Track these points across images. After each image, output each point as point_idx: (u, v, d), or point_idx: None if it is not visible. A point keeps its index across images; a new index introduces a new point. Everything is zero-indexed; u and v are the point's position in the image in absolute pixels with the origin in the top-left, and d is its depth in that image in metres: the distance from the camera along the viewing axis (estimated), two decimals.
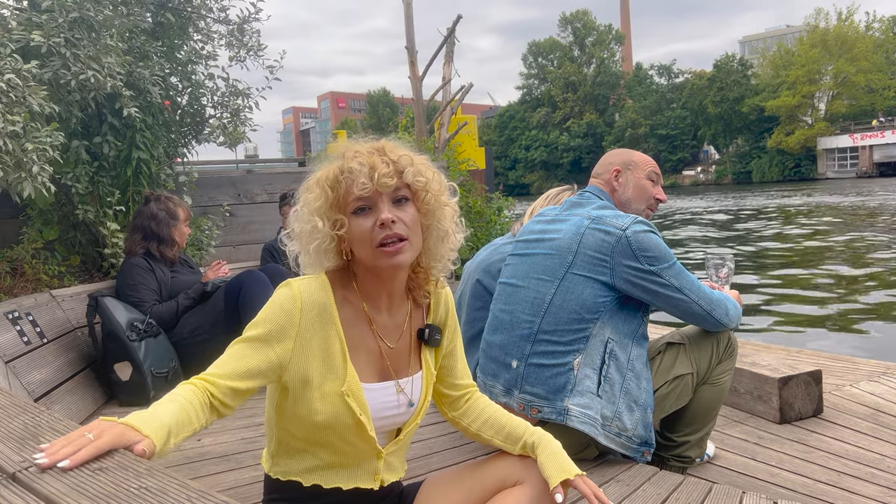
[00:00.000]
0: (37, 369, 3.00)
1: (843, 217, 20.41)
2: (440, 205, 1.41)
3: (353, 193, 1.34)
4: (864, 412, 3.03)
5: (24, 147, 2.98)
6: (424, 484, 1.56)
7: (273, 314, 1.35)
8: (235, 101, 4.99)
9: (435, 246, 1.44)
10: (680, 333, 2.43)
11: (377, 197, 1.34)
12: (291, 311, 1.35)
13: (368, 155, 1.35)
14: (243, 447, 2.70)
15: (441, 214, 1.41)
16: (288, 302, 1.35)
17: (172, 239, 3.84)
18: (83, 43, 3.55)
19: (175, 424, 1.17)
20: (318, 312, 1.37)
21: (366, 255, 1.36)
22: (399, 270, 1.40)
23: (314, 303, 1.37)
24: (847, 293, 8.97)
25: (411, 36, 9.01)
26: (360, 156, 1.35)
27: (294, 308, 1.35)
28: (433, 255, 1.45)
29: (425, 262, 1.46)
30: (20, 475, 0.96)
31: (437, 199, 1.40)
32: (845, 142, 61.81)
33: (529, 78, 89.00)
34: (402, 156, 1.38)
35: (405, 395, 1.46)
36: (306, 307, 1.35)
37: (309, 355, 1.36)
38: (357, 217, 1.35)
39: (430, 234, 1.42)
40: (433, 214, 1.41)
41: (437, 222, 1.41)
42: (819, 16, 67.88)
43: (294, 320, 1.34)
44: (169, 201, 3.89)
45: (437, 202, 1.40)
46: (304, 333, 1.35)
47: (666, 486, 2.05)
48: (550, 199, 2.95)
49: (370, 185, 1.33)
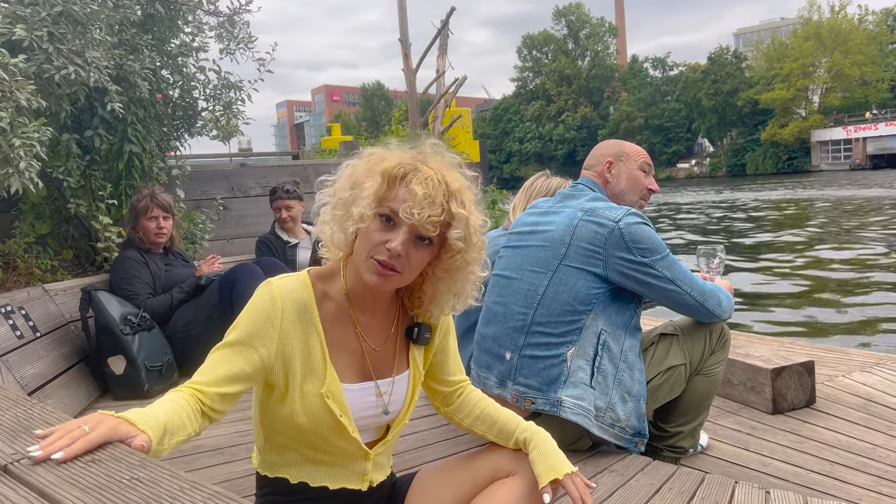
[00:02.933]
0: (30, 363, 2.99)
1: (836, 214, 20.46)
2: (466, 272, 1.36)
3: (393, 207, 1.27)
4: (856, 402, 3.05)
5: (11, 142, 2.95)
6: (417, 476, 1.55)
7: (253, 316, 1.33)
8: (227, 93, 4.95)
9: (442, 296, 1.40)
10: (673, 324, 2.44)
11: (407, 225, 1.27)
12: (271, 312, 1.33)
13: (436, 187, 1.26)
14: (237, 440, 2.70)
15: (463, 278, 1.37)
16: (268, 303, 1.33)
17: (136, 236, 3.85)
18: (67, 37, 3.51)
19: (171, 425, 1.17)
20: (297, 312, 1.35)
21: (359, 257, 1.33)
22: (375, 289, 1.35)
23: (294, 302, 1.35)
24: (842, 285, 9.01)
25: (405, 28, 8.98)
26: (428, 185, 1.26)
27: (274, 309, 1.33)
28: (436, 301, 1.41)
29: (426, 302, 1.42)
30: (12, 467, 0.96)
31: (465, 264, 1.35)
32: (839, 134, 62.00)
33: (524, 71, 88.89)
34: (462, 213, 1.29)
35: (382, 399, 1.43)
36: (286, 307, 1.34)
37: (290, 355, 1.34)
38: (378, 221, 1.29)
39: (442, 284, 1.38)
40: (456, 273, 1.36)
41: (454, 282, 1.37)
42: (812, 8, 68.03)
43: (275, 321, 1.32)
44: (137, 194, 3.92)
45: (464, 267, 1.35)
46: (285, 334, 1.33)
47: (659, 477, 2.06)
48: (527, 191, 3.00)
49: (413, 218, 1.25)
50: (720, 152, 74.59)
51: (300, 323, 1.35)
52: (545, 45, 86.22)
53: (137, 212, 3.85)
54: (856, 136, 60.18)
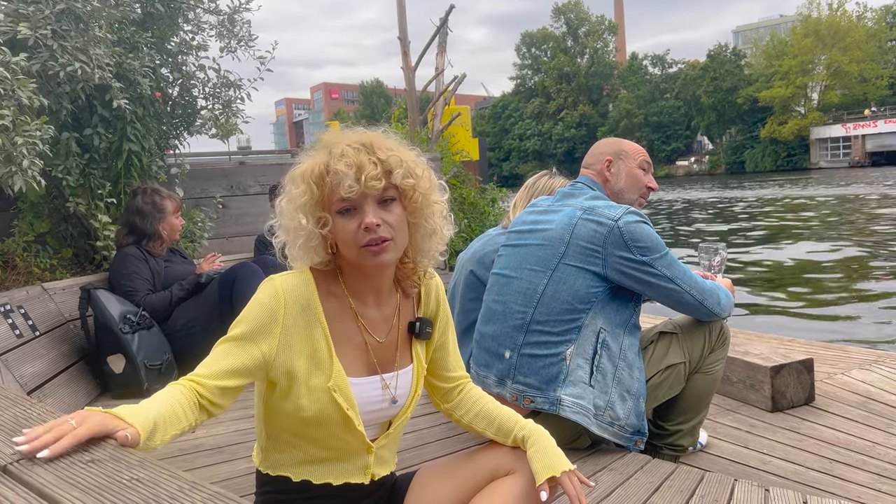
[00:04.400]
0: (29, 362, 2.99)
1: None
2: (428, 203, 1.39)
3: (339, 194, 1.30)
4: (855, 400, 3.05)
5: (14, 141, 2.95)
6: (417, 474, 1.56)
7: (256, 312, 1.34)
8: (227, 92, 4.95)
9: (422, 241, 1.42)
10: (672, 323, 2.44)
11: (363, 199, 1.31)
12: (274, 308, 1.34)
13: (356, 153, 1.30)
14: (237, 439, 2.70)
15: (429, 212, 1.39)
16: (270, 299, 1.34)
17: (158, 233, 3.82)
18: (70, 34, 3.52)
19: (162, 420, 1.17)
20: (301, 308, 1.36)
21: (350, 255, 1.34)
22: (384, 268, 1.39)
23: (297, 298, 1.35)
24: (840, 282, 9.01)
25: (404, 26, 8.97)
26: (346, 156, 1.30)
27: (277, 305, 1.34)
28: (420, 250, 1.43)
29: (412, 255, 1.44)
30: (11, 467, 0.96)
31: (425, 197, 1.37)
32: (838, 131, 61.99)
33: (523, 69, 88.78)
34: (392, 155, 1.33)
35: (389, 391, 1.45)
36: (289, 303, 1.34)
37: (294, 351, 1.35)
38: (342, 217, 1.32)
39: (417, 231, 1.40)
40: (421, 213, 1.38)
41: (425, 220, 1.39)
42: (812, 5, 68.00)
43: (277, 317, 1.33)
44: (156, 194, 3.86)
45: (425, 200, 1.38)
46: (288, 330, 1.34)
47: (658, 475, 2.07)
48: (529, 189, 2.98)
49: (357, 187, 1.29)
50: (719, 150, 74.58)
51: (304, 319, 1.36)
52: (544, 43, 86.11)
53: (165, 210, 3.83)
54: (855, 133, 60.18)
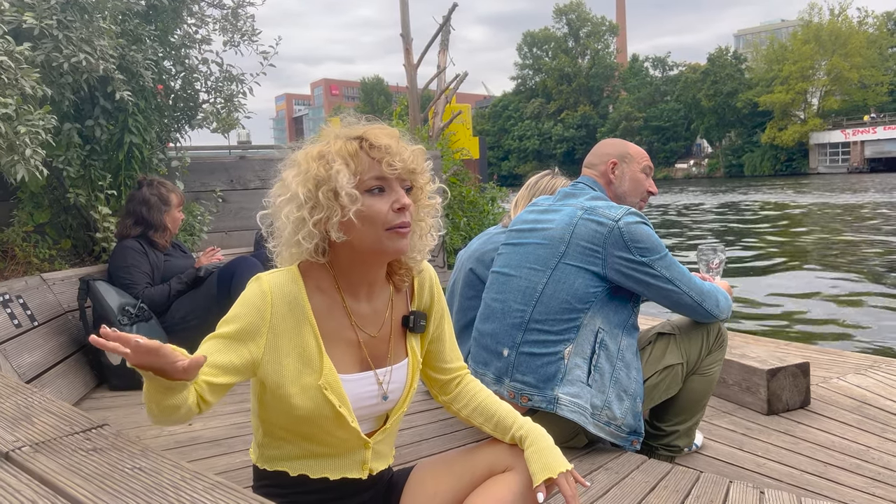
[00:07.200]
0: (27, 352, 2.99)
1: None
2: (431, 201, 1.42)
3: (377, 171, 1.31)
4: (850, 404, 3.07)
5: (17, 130, 2.95)
6: (415, 469, 1.56)
7: (243, 311, 1.33)
8: (229, 86, 4.94)
9: (419, 239, 1.43)
10: (670, 324, 2.45)
11: (394, 181, 1.32)
12: (261, 308, 1.33)
13: (390, 136, 1.33)
14: (234, 432, 2.71)
15: (429, 212, 1.42)
16: (258, 298, 1.34)
17: (164, 225, 3.82)
18: (75, 25, 3.52)
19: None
20: (289, 306, 1.35)
21: (372, 237, 1.32)
22: (396, 256, 1.39)
23: (284, 296, 1.35)
24: (837, 286, 9.03)
25: (406, 23, 8.95)
26: (388, 136, 1.32)
27: (264, 304, 1.33)
28: (415, 247, 1.44)
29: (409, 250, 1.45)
30: (13, 454, 0.97)
31: (428, 195, 1.41)
32: (837, 137, 62.10)
33: (524, 68, 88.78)
34: (416, 148, 1.36)
35: (382, 387, 1.44)
36: (276, 302, 1.34)
37: (282, 350, 1.34)
38: (371, 196, 1.31)
39: (420, 225, 1.42)
40: (424, 210, 1.41)
41: (429, 216, 1.42)
42: (813, 10, 68.10)
43: (265, 317, 1.33)
44: (161, 186, 3.86)
45: (428, 198, 1.41)
46: (276, 329, 1.34)
47: (654, 475, 2.08)
48: (531, 188, 2.98)
49: (400, 165, 1.31)
50: (718, 153, 74.63)
51: (292, 317, 1.35)
52: (545, 43, 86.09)
53: (170, 203, 3.83)
54: (854, 139, 60.29)
